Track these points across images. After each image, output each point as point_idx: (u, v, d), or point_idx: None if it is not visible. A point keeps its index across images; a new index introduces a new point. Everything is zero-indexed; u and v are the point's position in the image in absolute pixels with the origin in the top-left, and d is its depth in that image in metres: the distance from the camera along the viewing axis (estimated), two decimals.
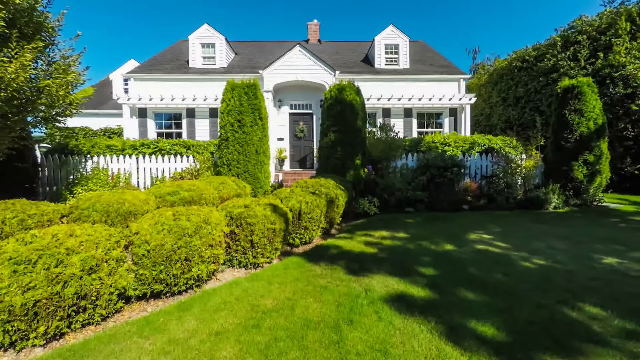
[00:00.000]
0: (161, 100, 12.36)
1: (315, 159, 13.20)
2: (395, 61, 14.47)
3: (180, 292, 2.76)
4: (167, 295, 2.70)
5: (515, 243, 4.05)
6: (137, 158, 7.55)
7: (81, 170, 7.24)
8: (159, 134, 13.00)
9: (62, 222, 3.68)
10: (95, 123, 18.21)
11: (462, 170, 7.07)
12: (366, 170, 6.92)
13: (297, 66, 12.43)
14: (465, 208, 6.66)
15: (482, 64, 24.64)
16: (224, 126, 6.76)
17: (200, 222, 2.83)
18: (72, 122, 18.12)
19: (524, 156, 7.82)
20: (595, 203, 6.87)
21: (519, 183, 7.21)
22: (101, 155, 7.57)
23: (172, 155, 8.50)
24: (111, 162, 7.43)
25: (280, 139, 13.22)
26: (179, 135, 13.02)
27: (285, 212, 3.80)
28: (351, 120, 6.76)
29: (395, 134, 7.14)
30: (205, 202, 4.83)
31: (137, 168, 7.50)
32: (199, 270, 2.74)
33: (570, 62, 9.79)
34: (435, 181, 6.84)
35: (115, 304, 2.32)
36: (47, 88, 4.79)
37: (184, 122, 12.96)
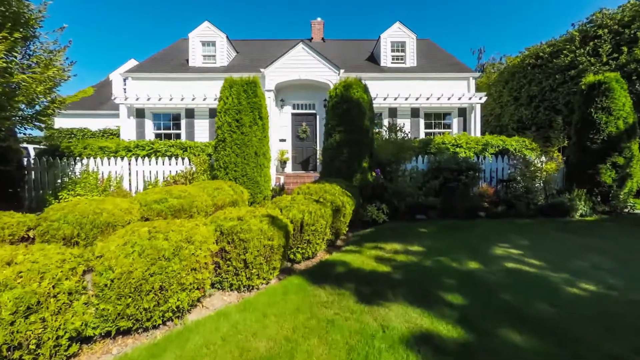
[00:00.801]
0: (159, 100, 11.94)
1: (318, 161, 12.70)
2: (401, 59, 13.95)
3: (156, 326, 2.27)
4: (139, 330, 2.21)
5: (550, 260, 3.51)
6: (129, 161, 7.10)
7: (69, 173, 6.80)
8: (157, 135, 12.59)
9: (29, 236, 3.21)
10: (95, 124, 17.91)
11: (478, 174, 6.52)
12: (374, 173, 6.40)
13: (300, 64, 11.96)
14: (481, 215, 6.11)
15: (487, 63, 24.01)
16: (221, 126, 6.28)
17: (180, 241, 2.33)
18: (70, 122, 17.85)
19: (543, 158, 7.25)
20: (626, 210, 6.28)
21: (540, 188, 6.64)
22: (91, 158, 7.13)
23: (168, 158, 8.06)
24: (102, 164, 6.99)
25: (282, 140, 12.75)
26: (178, 136, 12.60)
27: (285, 224, 3.30)
28: (358, 119, 6.25)
29: (405, 135, 6.61)
30: (197, 211, 4.34)
31: (129, 171, 7.04)
32: (178, 300, 2.24)
33: (591, 57, 9.21)
34: (449, 186, 6.30)
35: (66, 350, 1.83)
36: (24, 84, 4.35)
37: (183, 122, 12.54)
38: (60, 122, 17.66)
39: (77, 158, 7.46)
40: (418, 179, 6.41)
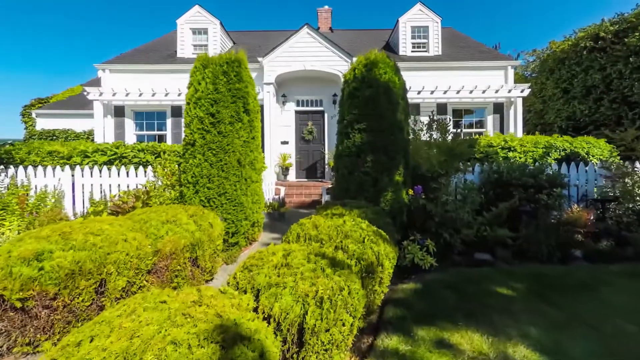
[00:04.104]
0: (140, 95, 10.18)
1: (326, 166, 10.72)
2: (424, 47, 11.92)
3: None
4: None
5: None
6: (72, 171, 5.24)
7: None
8: (140, 137, 10.84)
9: None
10: (81, 124, 16.27)
11: (563, 192, 4.47)
12: (411, 191, 4.40)
13: (305, 52, 10.05)
14: (577, 255, 4.04)
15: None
16: (190, 123, 4.38)
17: None
18: (54, 123, 16.27)
19: (638, 165, 5.14)
20: None
21: None
22: (21, 167, 5.29)
23: (140, 166, 6.23)
24: (34, 176, 5.14)
25: (285, 143, 10.85)
26: (163, 138, 10.82)
27: (260, 348, 1.34)
28: (387, 112, 4.27)
29: (457, 135, 4.58)
30: (116, 271, 2.42)
31: (73, 185, 5.19)
32: None
33: None
34: (523, 210, 4.26)
35: None
36: None
37: (169, 122, 10.75)
38: (43, 123, 16.12)
39: (12, 165, 5.66)
40: (474, 198, 4.38)
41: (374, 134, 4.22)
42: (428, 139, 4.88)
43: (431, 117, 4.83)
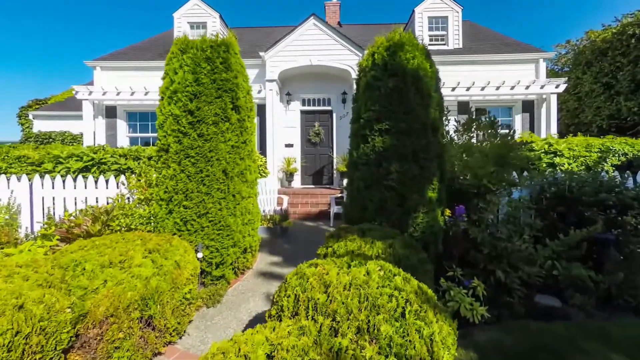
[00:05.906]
0: (132, 94, 9.38)
1: (334, 172, 9.70)
2: (442, 40, 10.82)
3: None
4: None
5: None
6: (30, 181, 4.37)
7: None
8: (133, 140, 10.06)
9: None
10: (78, 126, 15.56)
11: None
12: (448, 212, 3.36)
13: (311, 46, 9.08)
14: None
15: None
16: (163, 124, 3.44)
17: None
18: (51, 124, 15.70)
19: None
20: None
21: None
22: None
23: (115, 173, 5.39)
24: None
25: (289, 145, 9.90)
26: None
27: None
28: (418, 108, 3.25)
29: (507, 136, 3.51)
30: None
31: (31, 198, 4.32)
32: None
33: None
34: (604, 238, 3.18)
35: None
36: None
37: None
38: (40, 125, 15.58)
39: None
40: (534, 222, 3.30)
41: (401, 136, 3.20)
42: (465, 142, 3.83)
43: (470, 115, 3.77)
